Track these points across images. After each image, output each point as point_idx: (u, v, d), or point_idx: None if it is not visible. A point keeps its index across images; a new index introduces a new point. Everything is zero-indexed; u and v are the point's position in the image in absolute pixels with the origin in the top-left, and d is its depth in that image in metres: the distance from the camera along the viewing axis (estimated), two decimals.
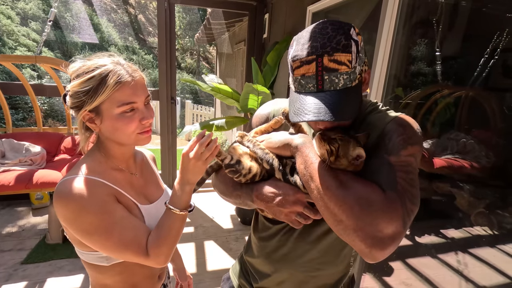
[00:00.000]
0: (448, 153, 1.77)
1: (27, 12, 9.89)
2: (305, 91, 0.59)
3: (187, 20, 14.73)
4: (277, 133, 0.71)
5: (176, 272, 1.11)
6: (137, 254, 0.71)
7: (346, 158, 0.57)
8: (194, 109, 8.15)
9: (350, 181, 0.56)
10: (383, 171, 0.58)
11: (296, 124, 0.67)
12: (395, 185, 0.56)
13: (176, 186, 0.74)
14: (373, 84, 1.55)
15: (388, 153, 0.60)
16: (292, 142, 0.65)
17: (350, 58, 0.56)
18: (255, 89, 2.07)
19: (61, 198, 0.67)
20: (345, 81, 0.57)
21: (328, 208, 0.56)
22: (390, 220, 0.51)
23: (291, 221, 0.69)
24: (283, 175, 0.68)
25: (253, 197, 0.72)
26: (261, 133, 0.78)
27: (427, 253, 1.79)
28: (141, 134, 0.75)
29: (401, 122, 0.64)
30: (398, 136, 0.61)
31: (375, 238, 0.51)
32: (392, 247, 0.52)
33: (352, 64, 0.56)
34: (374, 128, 0.66)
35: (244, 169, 0.72)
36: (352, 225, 0.52)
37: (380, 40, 1.47)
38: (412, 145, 0.61)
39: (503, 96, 1.53)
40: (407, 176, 0.57)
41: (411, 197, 0.56)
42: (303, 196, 0.66)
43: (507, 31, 1.40)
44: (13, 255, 2.28)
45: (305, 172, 0.60)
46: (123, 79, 0.69)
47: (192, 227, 2.85)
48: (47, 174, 2.31)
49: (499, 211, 1.52)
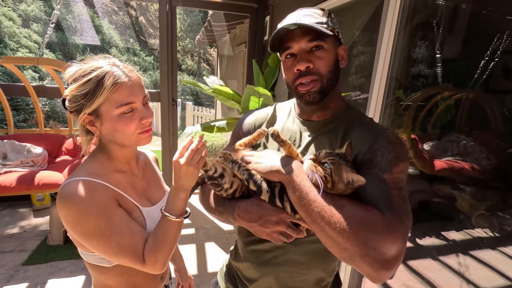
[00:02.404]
0: (449, 155, 1.77)
1: (29, 14, 9.93)
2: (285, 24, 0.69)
3: (188, 22, 14.78)
4: (266, 155, 0.69)
5: (178, 273, 1.11)
6: (134, 261, 0.71)
7: (342, 182, 0.57)
8: (194, 111, 8.15)
9: (348, 206, 0.56)
10: (379, 190, 0.60)
11: (286, 143, 0.65)
12: (392, 204, 0.57)
13: (171, 193, 0.74)
14: (374, 86, 1.56)
15: (382, 171, 0.62)
16: (281, 170, 0.62)
17: (322, 14, 0.70)
18: (257, 91, 2.07)
19: (63, 201, 0.67)
20: (318, 23, 0.67)
21: (331, 238, 0.55)
22: (393, 242, 0.52)
23: (273, 239, 0.69)
24: (271, 197, 0.66)
25: (235, 215, 0.72)
26: (245, 146, 0.77)
27: (428, 255, 1.79)
28: (142, 133, 0.76)
29: (390, 139, 0.67)
30: (389, 153, 0.64)
31: (381, 261, 0.52)
32: (397, 265, 0.53)
33: (325, 17, 0.70)
34: (363, 140, 0.68)
35: (226, 184, 0.71)
36: (358, 252, 0.53)
37: (381, 42, 1.48)
38: (403, 162, 0.64)
39: (504, 98, 1.54)
40: (400, 193, 0.60)
41: (406, 214, 0.58)
42: (287, 216, 0.65)
43: (507, 34, 1.40)
44: (14, 256, 2.28)
45: (300, 202, 0.59)
46: (120, 80, 0.69)
47: (193, 229, 2.86)
48: (49, 176, 2.32)
49: (500, 213, 1.52)
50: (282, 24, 0.70)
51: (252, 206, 0.69)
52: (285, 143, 0.66)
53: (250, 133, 0.78)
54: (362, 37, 2.11)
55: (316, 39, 0.68)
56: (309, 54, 0.69)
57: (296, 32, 0.69)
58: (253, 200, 0.70)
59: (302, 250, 0.76)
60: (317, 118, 0.77)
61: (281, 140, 0.65)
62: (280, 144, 0.66)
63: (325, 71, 0.70)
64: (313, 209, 0.57)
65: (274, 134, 0.65)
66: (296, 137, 0.79)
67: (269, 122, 0.86)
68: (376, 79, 1.53)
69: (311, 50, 0.69)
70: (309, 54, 0.69)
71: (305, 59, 0.69)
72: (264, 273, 0.80)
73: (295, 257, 0.77)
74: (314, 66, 0.69)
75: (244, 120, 0.91)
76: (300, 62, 0.69)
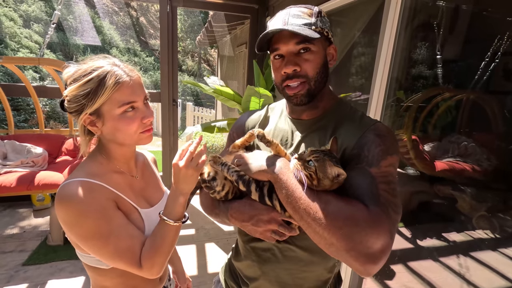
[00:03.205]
0: (449, 156, 1.77)
1: (30, 14, 9.95)
2: (273, 27, 0.69)
3: (189, 23, 14.80)
4: (255, 155, 0.70)
5: (176, 275, 1.11)
6: (131, 265, 0.71)
7: (328, 178, 0.58)
8: (195, 111, 8.16)
9: (334, 202, 0.57)
10: (365, 184, 0.60)
11: (272, 143, 0.67)
12: (378, 198, 0.57)
13: (170, 197, 0.73)
14: (375, 87, 1.56)
15: (369, 165, 0.62)
16: (269, 169, 0.63)
17: (311, 13, 0.69)
18: (257, 92, 2.08)
19: (61, 203, 0.67)
20: (306, 24, 0.67)
21: (318, 233, 0.56)
22: (378, 235, 0.53)
23: (267, 238, 0.70)
24: (260, 196, 0.67)
25: (228, 216, 0.73)
26: (238, 148, 0.78)
27: (429, 256, 1.79)
28: (143, 133, 0.76)
29: (378, 132, 0.66)
30: (376, 146, 0.63)
31: (367, 255, 0.52)
32: (384, 259, 0.53)
33: (313, 17, 0.68)
34: (351, 135, 0.68)
35: (218, 186, 0.72)
36: (343, 246, 0.53)
37: (382, 43, 1.48)
38: (391, 155, 0.63)
39: (504, 99, 1.54)
40: (388, 187, 0.60)
41: (394, 207, 0.58)
42: (278, 214, 0.66)
43: (508, 35, 1.40)
44: (14, 256, 2.28)
45: (288, 200, 0.60)
46: (121, 79, 0.69)
47: (193, 229, 2.85)
48: (49, 176, 2.32)
49: (501, 214, 1.52)
50: (270, 25, 0.70)
51: (244, 206, 0.71)
52: (271, 143, 0.67)
53: (243, 135, 0.79)
54: (363, 38, 2.11)
55: (304, 42, 0.67)
56: (296, 57, 0.69)
57: (284, 33, 0.69)
58: (245, 201, 0.72)
59: (301, 247, 0.76)
60: (307, 117, 0.78)
61: (267, 140, 0.66)
62: (267, 144, 0.67)
63: (313, 73, 0.70)
64: (299, 206, 0.58)
65: (259, 135, 0.67)
66: (288, 136, 0.79)
67: (261, 123, 0.87)
68: (377, 80, 1.54)
69: (298, 53, 0.69)
70: (297, 57, 0.69)
71: (292, 62, 0.69)
72: (264, 271, 0.81)
73: (294, 255, 0.77)
74: (301, 69, 0.69)
75: (239, 122, 0.92)
76: (287, 65, 0.69)
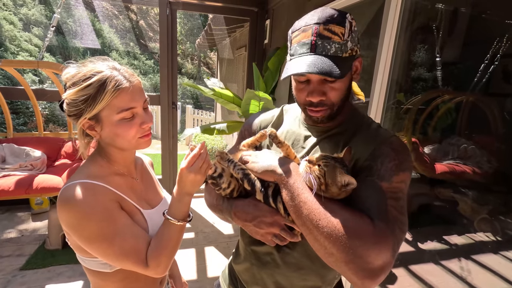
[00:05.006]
0: (450, 158, 1.77)
1: (30, 17, 9.97)
2: (299, 54, 0.63)
3: (188, 26, 14.86)
4: (263, 155, 0.69)
5: (172, 279, 1.10)
6: (137, 264, 0.70)
7: (336, 185, 0.57)
8: (194, 114, 8.16)
9: (339, 212, 0.55)
10: (374, 198, 0.58)
11: (284, 144, 0.65)
12: (385, 214, 0.56)
13: (175, 197, 0.73)
14: (375, 90, 1.55)
15: (380, 179, 0.60)
16: (276, 170, 0.62)
17: (343, 31, 0.61)
18: (257, 95, 2.07)
19: (64, 205, 0.66)
20: (336, 49, 0.60)
21: (318, 241, 0.55)
22: (380, 252, 0.52)
23: (267, 241, 0.69)
24: (265, 197, 0.66)
25: (231, 214, 0.72)
26: (248, 146, 0.78)
27: (430, 260, 1.78)
28: (142, 138, 0.75)
29: (394, 146, 0.64)
30: (390, 161, 0.61)
31: (366, 270, 0.51)
32: (382, 276, 0.52)
33: (345, 37, 0.61)
34: (365, 146, 0.66)
35: (224, 183, 0.72)
36: (343, 258, 0.52)
37: (382, 46, 1.48)
38: (404, 171, 0.61)
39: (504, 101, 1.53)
40: (397, 203, 0.58)
41: (401, 225, 0.57)
42: (281, 218, 0.65)
43: (507, 37, 1.41)
44: (12, 261, 2.25)
45: (292, 203, 0.59)
46: (121, 86, 0.69)
47: (192, 233, 2.84)
48: (48, 179, 2.31)
49: (502, 217, 1.51)
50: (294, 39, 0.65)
51: (249, 206, 0.70)
52: (282, 144, 0.66)
53: (255, 134, 0.78)
54: (363, 40, 2.12)
55: None
56: (323, 85, 0.65)
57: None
58: (250, 200, 0.71)
59: (302, 254, 0.74)
60: (322, 125, 0.76)
61: (279, 141, 0.65)
62: (278, 145, 0.66)
63: (338, 100, 0.66)
64: (302, 210, 0.57)
65: (271, 134, 0.65)
66: (300, 140, 0.78)
67: (274, 124, 0.85)
68: (377, 82, 1.54)
69: (325, 80, 0.64)
70: (323, 85, 0.65)
71: (319, 91, 0.65)
72: (262, 276, 0.80)
73: (295, 261, 0.75)
74: (327, 98, 0.65)
75: (251, 121, 0.90)
76: (314, 95, 0.65)
